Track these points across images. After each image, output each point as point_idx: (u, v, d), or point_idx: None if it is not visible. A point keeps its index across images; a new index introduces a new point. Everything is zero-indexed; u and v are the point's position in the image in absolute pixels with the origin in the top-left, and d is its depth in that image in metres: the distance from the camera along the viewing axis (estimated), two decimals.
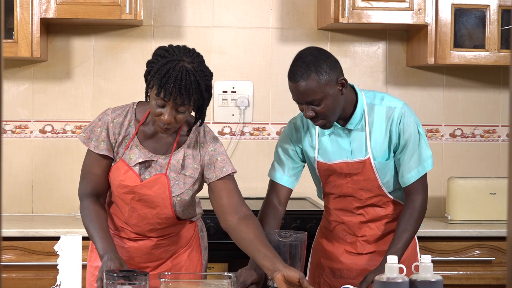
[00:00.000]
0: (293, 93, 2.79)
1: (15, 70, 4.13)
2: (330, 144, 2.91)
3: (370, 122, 2.88)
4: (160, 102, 2.58)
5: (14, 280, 3.65)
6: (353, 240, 2.98)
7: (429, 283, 2.42)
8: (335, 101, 2.78)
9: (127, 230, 2.84)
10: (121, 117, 2.77)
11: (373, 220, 2.96)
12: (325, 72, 2.74)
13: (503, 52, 4.00)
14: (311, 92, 2.73)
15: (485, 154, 4.36)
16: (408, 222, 2.85)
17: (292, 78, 2.76)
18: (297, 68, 2.75)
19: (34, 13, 3.80)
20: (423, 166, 2.89)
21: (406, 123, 2.86)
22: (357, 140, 2.89)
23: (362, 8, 3.92)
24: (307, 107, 2.77)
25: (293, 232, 2.76)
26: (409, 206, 2.88)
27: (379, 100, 2.90)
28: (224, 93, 4.24)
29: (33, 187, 4.15)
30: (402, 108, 2.87)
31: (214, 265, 3.66)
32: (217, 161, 2.76)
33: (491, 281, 3.82)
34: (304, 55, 2.78)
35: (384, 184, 2.91)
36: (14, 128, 4.14)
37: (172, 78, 2.54)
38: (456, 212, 3.99)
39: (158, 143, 2.77)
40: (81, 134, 2.79)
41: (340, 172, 2.91)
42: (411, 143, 2.87)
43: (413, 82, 4.31)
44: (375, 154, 2.88)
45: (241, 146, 4.27)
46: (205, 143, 2.78)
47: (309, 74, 2.73)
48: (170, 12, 4.21)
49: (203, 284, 2.63)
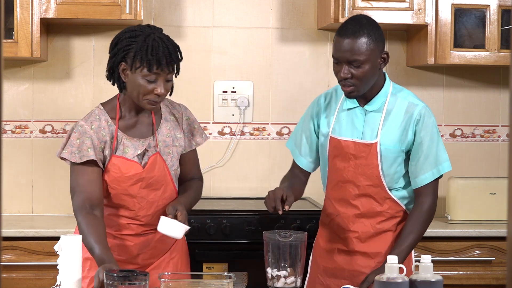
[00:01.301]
0: (337, 50, 2.82)
1: (15, 70, 4.13)
2: (345, 121, 2.94)
3: (388, 110, 2.90)
4: (152, 77, 2.70)
5: (14, 280, 3.65)
6: (345, 236, 2.97)
7: (429, 283, 2.43)
8: (373, 71, 2.84)
9: (134, 225, 2.86)
10: (96, 122, 2.82)
11: (367, 215, 2.94)
12: (376, 39, 2.82)
13: (503, 52, 4.00)
14: (357, 51, 2.79)
15: (485, 154, 4.35)
16: (414, 224, 2.86)
17: (343, 34, 2.81)
18: (351, 25, 2.82)
19: (34, 13, 3.80)
20: (438, 169, 2.90)
21: (425, 123, 2.88)
22: (371, 123, 2.90)
23: (362, 8, 3.92)
24: (345, 67, 2.81)
25: (293, 232, 2.76)
26: (418, 208, 2.88)
27: (405, 94, 2.93)
28: (224, 93, 4.24)
29: (33, 187, 4.15)
30: (424, 108, 2.90)
31: (214, 265, 3.66)
32: (194, 129, 2.97)
33: (491, 281, 3.82)
34: (359, 17, 2.87)
35: (385, 175, 2.90)
36: (14, 128, 4.14)
37: (160, 49, 2.69)
38: (456, 212, 3.99)
39: (141, 128, 2.86)
40: (63, 152, 2.78)
41: (346, 152, 2.91)
42: (427, 144, 2.88)
43: (413, 82, 4.31)
44: (384, 141, 2.88)
45: (241, 146, 4.27)
46: (178, 112, 2.95)
47: (361, 34, 2.80)
48: (170, 12, 4.21)
49: (203, 284, 2.63)
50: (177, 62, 2.76)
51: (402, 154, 2.90)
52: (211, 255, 3.68)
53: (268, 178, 4.27)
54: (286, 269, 2.73)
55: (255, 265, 3.33)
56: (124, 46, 2.74)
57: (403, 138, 2.88)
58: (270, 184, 4.23)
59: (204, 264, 3.65)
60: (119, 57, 2.75)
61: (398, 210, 2.94)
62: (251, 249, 3.63)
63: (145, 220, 2.87)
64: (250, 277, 3.51)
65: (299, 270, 2.74)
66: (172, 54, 2.73)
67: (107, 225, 2.85)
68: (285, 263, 2.73)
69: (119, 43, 2.76)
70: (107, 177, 2.80)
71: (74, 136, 2.78)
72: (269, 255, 2.74)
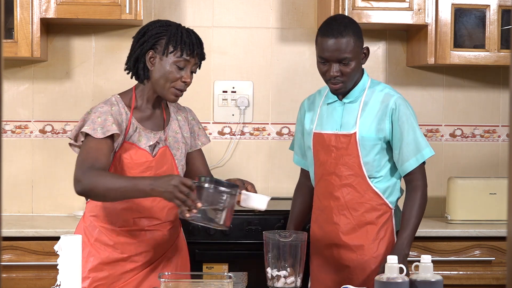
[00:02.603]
0: (325, 50, 2.93)
1: (15, 70, 4.13)
2: (326, 114, 3.06)
3: (365, 101, 3.01)
4: (182, 63, 2.81)
5: (14, 280, 3.65)
6: (329, 230, 3.04)
7: (429, 283, 2.43)
8: (359, 66, 2.99)
9: (139, 220, 2.87)
10: (116, 106, 2.86)
11: (349, 206, 3.00)
12: (358, 36, 2.96)
13: (503, 52, 4.00)
14: (347, 49, 2.92)
15: (485, 154, 4.35)
16: (412, 208, 2.96)
17: (330, 34, 2.92)
18: (335, 26, 2.94)
19: (34, 13, 3.80)
20: (422, 154, 2.99)
21: (400, 112, 2.98)
22: (349, 114, 3.01)
23: (362, 8, 3.92)
24: (335, 65, 2.93)
25: (293, 232, 2.77)
26: (412, 193, 2.98)
27: (381, 87, 3.05)
28: (224, 93, 4.24)
29: (33, 187, 4.15)
30: (399, 98, 3.01)
31: (214, 265, 3.66)
32: (199, 129, 3.05)
33: (491, 281, 3.82)
34: (339, 17, 3.01)
35: (364, 164, 2.98)
36: (14, 128, 4.14)
37: (193, 38, 2.84)
38: (456, 212, 3.99)
39: (154, 121, 2.92)
40: (85, 127, 2.77)
41: (328, 144, 3.02)
42: (405, 131, 2.97)
43: (413, 82, 4.31)
44: (361, 130, 2.98)
45: (241, 146, 4.27)
46: (183, 111, 3.05)
47: (348, 33, 2.93)
48: (170, 12, 4.21)
49: (203, 284, 2.64)
50: (203, 56, 2.89)
51: (379, 142, 2.99)
52: (211, 255, 3.68)
53: (268, 178, 4.27)
54: (286, 269, 2.74)
55: (255, 265, 3.34)
56: (155, 34, 2.84)
57: (380, 127, 2.98)
58: (270, 184, 4.23)
59: (204, 264, 3.65)
60: (148, 45, 2.84)
61: (379, 202, 3.01)
62: (251, 249, 3.63)
63: (150, 214, 2.87)
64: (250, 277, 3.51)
65: (299, 270, 2.75)
66: (201, 45, 2.88)
67: (112, 221, 2.86)
68: (285, 263, 2.73)
69: (149, 31, 2.85)
70: (117, 163, 2.81)
71: (95, 115, 2.79)
72: (269, 255, 2.75)
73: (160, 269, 2.91)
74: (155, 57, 2.84)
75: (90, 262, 2.87)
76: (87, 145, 2.75)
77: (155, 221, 2.89)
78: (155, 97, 2.90)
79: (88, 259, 2.88)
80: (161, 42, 2.83)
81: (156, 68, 2.84)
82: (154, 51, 2.84)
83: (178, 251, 2.99)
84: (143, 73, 2.87)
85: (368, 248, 2.99)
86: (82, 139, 2.78)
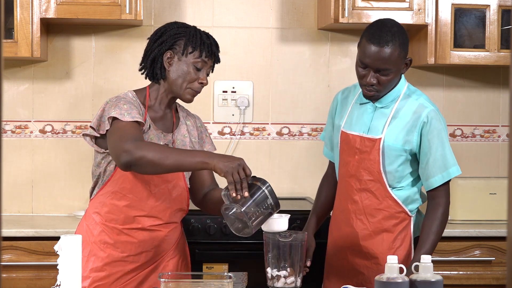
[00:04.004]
0: (368, 56, 2.83)
1: (15, 70, 4.13)
2: (356, 115, 2.98)
3: (398, 109, 2.93)
4: (200, 64, 2.84)
5: (14, 280, 3.65)
6: (346, 232, 3.00)
7: (429, 283, 2.43)
8: (397, 76, 2.90)
9: (142, 218, 2.87)
10: (134, 99, 2.88)
11: (366, 211, 2.95)
12: (404, 47, 2.86)
13: (503, 52, 4.00)
14: (389, 61, 2.82)
15: (485, 154, 4.35)
16: (432, 225, 2.89)
17: (376, 42, 2.82)
18: (384, 34, 2.83)
19: (34, 13, 3.80)
20: (448, 172, 2.92)
21: (432, 126, 2.90)
22: (379, 119, 2.93)
23: (362, 8, 3.92)
24: (373, 74, 2.85)
25: (293, 232, 2.76)
26: (433, 210, 2.91)
27: (417, 96, 2.96)
28: (224, 93, 4.24)
29: (33, 187, 4.15)
30: (433, 111, 2.92)
31: (214, 265, 3.66)
32: (206, 137, 3.06)
33: (491, 281, 3.82)
34: (390, 24, 2.87)
35: (386, 172, 2.91)
36: (14, 128, 4.14)
37: (210, 39, 2.89)
38: (456, 212, 3.99)
39: (165, 122, 2.94)
40: (112, 112, 2.75)
41: (352, 145, 2.95)
42: (434, 147, 2.89)
43: (413, 82, 4.30)
44: (388, 138, 2.90)
45: (241, 146, 4.27)
46: (192, 117, 3.06)
47: (394, 43, 2.82)
48: (170, 12, 4.21)
49: (203, 284, 2.64)
50: (218, 59, 2.93)
51: (405, 153, 2.91)
52: (211, 255, 3.68)
53: (268, 178, 4.23)
54: (286, 269, 2.74)
55: (255, 265, 3.33)
56: (174, 34, 2.87)
57: (407, 138, 2.90)
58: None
59: (204, 264, 3.65)
60: (167, 45, 2.87)
61: (398, 210, 2.94)
62: (251, 249, 3.63)
63: (152, 213, 2.87)
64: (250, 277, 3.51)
65: (299, 270, 2.75)
66: (218, 48, 2.92)
67: (113, 218, 2.87)
68: (285, 263, 2.73)
69: (167, 32, 2.88)
70: None
71: (120, 103, 2.79)
72: (269, 255, 2.75)
73: (160, 269, 2.91)
74: (173, 57, 2.86)
75: (91, 262, 2.87)
76: (120, 124, 2.73)
77: (157, 221, 2.89)
78: (169, 98, 2.92)
79: (89, 259, 2.88)
80: (180, 43, 2.86)
81: (173, 68, 2.86)
82: (173, 51, 2.86)
83: (179, 251, 2.99)
84: (159, 73, 2.88)
85: (382, 258, 2.90)
86: (107, 127, 2.75)
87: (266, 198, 2.60)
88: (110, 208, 2.87)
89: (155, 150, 2.62)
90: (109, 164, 2.85)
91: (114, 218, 2.87)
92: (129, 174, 2.82)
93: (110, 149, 2.72)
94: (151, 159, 2.60)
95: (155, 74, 2.89)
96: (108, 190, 2.86)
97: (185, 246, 3.05)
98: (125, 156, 2.61)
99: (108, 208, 2.87)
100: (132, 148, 2.61)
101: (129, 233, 2.88)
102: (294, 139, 4.25)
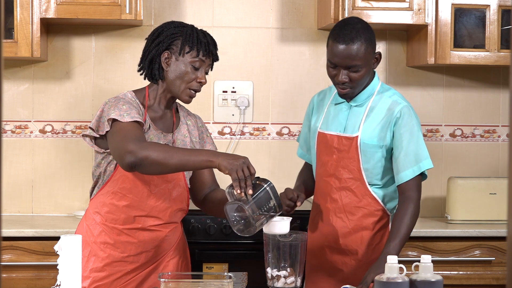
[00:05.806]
0: (335, 55, 2.88)
1: (15, 70, 4.13)
2: (332, 115, 3.02)
3: (372, 106, 2.96)
4: (197, 63, 2.83)
5: (14, 280, 3.65)
6: (325, 232, 3.01)
7: (429, 283, 2.43)
8: (368, 72, 2.93)
9: (142, 218, 2.86)
10: (134, 99, 2.88)
11: (346, 209, 2.97)
12: (371, 42, 2.90)
13: (503, 52, 4.00)
14: (357, 57, 2.86)
15: (485, 154, 4.35)
16: (403, 219, 2.87)
17: (341, 40, 2.86)
18: (347, 31, 2.87)
19: (34, 13, 3.80)
20: (419, 166, 2.92)
21: (404, 120, 2.92)
22: (354, 117, 2.97)
23: (362, 8, 3.92)
24: (343, 71, 2.88)
25: (293, 232, 2.76)
26: (404, 204, 2.90)
27: (390, 94, 3.00)
28: (224, 93, 4.24)
29: (33, 187, 4.15)
30: (406, 107, 2.94)
31: (214, 265, 3.66)
32: (207, 137, 3.05)
33: (491, 281, 3.82)
34: (353, 22, 2.92)
35: (365, 169, 2.94)
36: (14, 128, 4.14)
37: (208, 38, 2.87)
38: (456, 212, 3.99)
39: (165, 123, 2.93)
40: (111, 113, 2.75)
41: (330, 145, 2.98)
42: (406, 141, 2.91)
43: (413, 82, 4.31)
44: (364, 135, 2.94)
45: (241, 146, 4.27)
46: (193, 117, 3.05)
47: (359, 39, 2.86)
48: (170, 12, 4.21)
49: (203, 284, 2.64)
50: (217, 57, 2.91)
51: (380, 150, 2.94)
52: (211, 255, 3.68)
53: (268, 178, 4.24)
54: (286, 269, 2.74)
55: (255, 265, 3.34)
56: (170, 34, 2.86)
57: (382, 134, 2.93)
58: None
59: (204, 264, 3.65)
60: (164, 45, 2.86)
61: (377, 208, 2.97)
62: (251, 249, 3.63)
63: (152, 213, 2.87)
64: (250, 277, 3.51)
65: (299, 270, 2.74)
66: (215, 46, 2.91)
67: (113, 218, 2.86)
68: (285, 263, 2.73)
69: (164, 32, 2.87)
70: None
71: (119, 103, 2.79)
72: (269, 255, 2.75)
73: (160, 270, 2.91)
74: (171, 57, 2.86)
75: (91, 262, 2.87)
76: (120, 125, 2.72)
77: (157, 221, 2.89)
78: (168, 98, 2.91)
79: (90, 259, 2.88)
80: (177, 43, 2.85)
81: (171, 69, 2.86)
82: (170, 51, 2.86)
83: (179, 251, 2.99)
84: (158, 74, 2.87)
85: (362, 254, 2.96)
86: (107, 128, 2.75)
87: (269, 198, 2.61)
88: (110, 208, 2.87)
89: (159, 149, 2.61)
90: (109, 164, 2.85)
91: (114, 218, 2.87)
92: (129, 174, 2.82)
93: (113, 151, 2.72)
94: (156, 159, 2.60)
95: (153, 75, 2.89)
96: (108, 190, 2.86)
97: (185, 246, 3.05)
98: (129, 157, 2.61)
99: (108, 208, 2.87)
100: (136, 149, 2.61)
101: (129, 233, 2.88)
102: (294, 139, 4.24)
